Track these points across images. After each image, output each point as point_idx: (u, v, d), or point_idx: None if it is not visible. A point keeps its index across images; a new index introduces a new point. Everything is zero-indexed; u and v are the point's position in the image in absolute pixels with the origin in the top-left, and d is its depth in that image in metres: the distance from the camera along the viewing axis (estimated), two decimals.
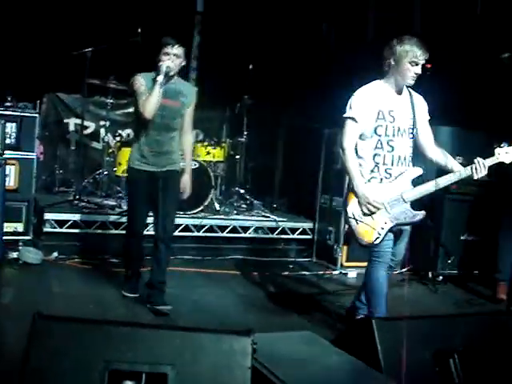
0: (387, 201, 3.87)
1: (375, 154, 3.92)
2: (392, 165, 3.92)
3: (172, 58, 4.29)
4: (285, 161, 8.41)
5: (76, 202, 6.36)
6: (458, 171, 3.87)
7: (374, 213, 3.85)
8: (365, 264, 6.18)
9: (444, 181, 3.90)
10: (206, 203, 6.47)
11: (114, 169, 6.59)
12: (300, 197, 7.62)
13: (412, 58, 3.81)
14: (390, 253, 3.97)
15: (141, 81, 4.35)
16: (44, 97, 7.41)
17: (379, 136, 3.90)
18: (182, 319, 4.27)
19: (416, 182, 3.96)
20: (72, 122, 7.74)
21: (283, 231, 6.75)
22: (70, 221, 5.89)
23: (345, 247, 6.29)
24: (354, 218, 3.88)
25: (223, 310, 4.66)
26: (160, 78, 4.23)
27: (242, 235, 6.58)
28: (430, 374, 2.77)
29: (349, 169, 3.90)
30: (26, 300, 4.43)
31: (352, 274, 6.21)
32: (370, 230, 3.86)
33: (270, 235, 6.71)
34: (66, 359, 2.25)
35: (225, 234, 6.51)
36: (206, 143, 6.82)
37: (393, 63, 3.88)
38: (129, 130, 7.38)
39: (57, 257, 5.66)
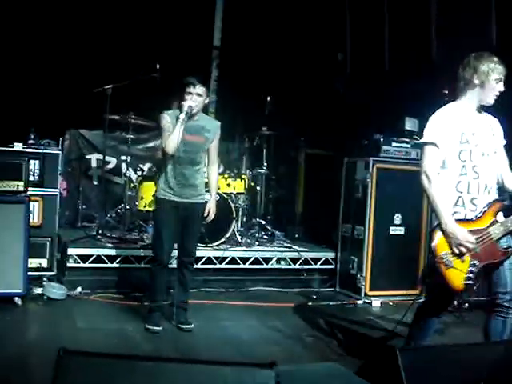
0: (475, 238, 3.46)
1: (459, 182, 3.56)
2: (478, 194, 3.55)
3: (194, 97, 4.59)
4: (305, 191, 8.42)
5: (99, 236, 6.42)
6: None
7: (464, 254, 3.44)
8: (388, 293, 6.24)
9: None
10: (227, 235, 6.48)
11: (136, 203, 6.65)
12: (321, 226, 7.61)
13: (498, 74, 3.53)
14: None
15: (167, 118, 4.66)
16: (66, 133, 7.53)
17: (463, 162, 3.55)
18: (206, 352, 4.25)
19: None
20: (94, 158, 7.85)
21: (305, 261, 6.72)
22: (93, 255, 5.92)
23: (368, 276, 6.25)
24: (444, 263, 3.44)
25: (247, 342, 4.64)
26: (182, 117, 4.54)
27: (264, 266, 6.57)
28: None
29: (435, 202, 3.50)
30: (50, 335, 4.45)
31: (376, 304, 6.16)
32: (459, 273, 3.43)
33: (293, 266, 6.69)
34: None
35: (247, 266, 6.50)
36: (226, 175, 6.86)
37: (476, 82, 3.54)
38: (149, 164, 7.46)
39: (81, 292, 5.68)
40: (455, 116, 3.58)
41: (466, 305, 5.86)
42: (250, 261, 6.51)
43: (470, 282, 3.42)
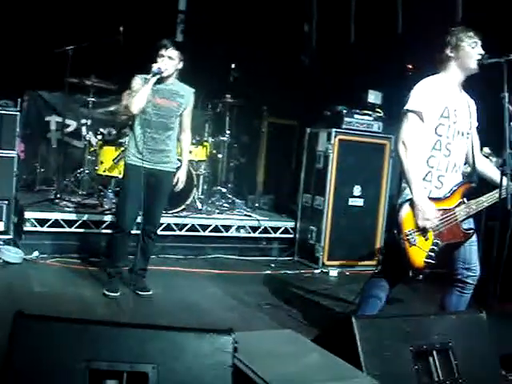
0: (442, 216, 3.45)
1: (430, 157, 3.51)
2: (446, 171, 3.54)
3: (165, 60, 4.50)
4: (267, 160, 8.43)
5: (57, 200, 6.32)
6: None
7: (428, 231, 3.42)
8: (346, 263, 6.34)
9: (490, 199, 3.53)
10: (188, 202, 6.46)
11: (96, 167, 6.55)
12: (282, 196, 7.65)
13: (470, 39, 3.48)
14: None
15: (137, 80, 4.54)
16: (25, 94, 7.34)
17: (439, 137, 3.50)
18: (164, 319, 4.26)
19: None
20: (53, 120, 7.69)
21: (265, 230, 6.77)
22: (50, 220, 5.85)
23: (326, 246, 6.34)
24: (409, 240, 3.40)
25: (205, 309, 4.67)
26: (149, 77, 4.43)
27: (224, 234, 6.59)
28: (409, 372, 2.80)
29: (409, 173, 3.41)
30: (6, 299, 4.40)
31: (333, 273, 6.26)
32: (421, 251, 3.42)
33: (252, 234, 6.73)
34: (48, 359, 2.25)
35: (207, 233, 6.51)
36: None
37: (451, 54, 3.52)
38: (110, 128, 7.35)
39: (38, 256, 5.62)
40: (440, 88, 3.53)
41: (421, 277, 5.98)
42: (209, 228, 6.51)
43: (430, 260, 3.44)
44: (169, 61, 4.51)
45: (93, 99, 6.87)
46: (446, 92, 3.53)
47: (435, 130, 3.50)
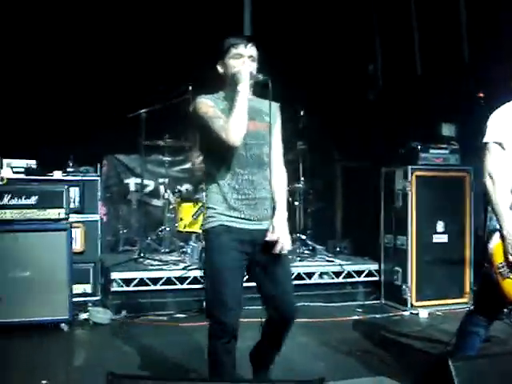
0: None
1: None
2: None
3: (247, 61, 3.15)
4: (344, 203, 8.34)
5: (141, 259, 6.45)
6: None
7: None
8: (435, 302, 6.10)
9: None
10: None
11: (176, 224, 6.67)
12: (363, 239, 7.52)
13: None
14: None
15: (207, 102, 3.17)
16: (104, 159, 7.63)
17: None
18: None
19: None
20: (132, 182, 7.93)
21: (349, 275, 6.64)
22: (136, 279, 5.96)
23: (413, 286, 6.14)
24: (501, 273, 3.27)
25: (294, 360, 4.57)
26: (243, 88, 3.07)
27: (307, 282, 6.50)
28: None
29: (498, 205, 3.30)
30: (98, 360, 4.47)
31: (423, 314, 6.03)
32: None
33: (336, 279, 6.61)
34: None
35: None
36: None
37: None
38: (187, 185, 7.49)
39: (126, 315, 5.71)
40: None
41: None
42: (292, 276, 6.43)
43: None
44: (251, 62, 3.17)
45: (168, 158, 7.07)
46: None
47: None
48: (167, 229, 6.88)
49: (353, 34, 8.12)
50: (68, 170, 5.89)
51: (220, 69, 3.26)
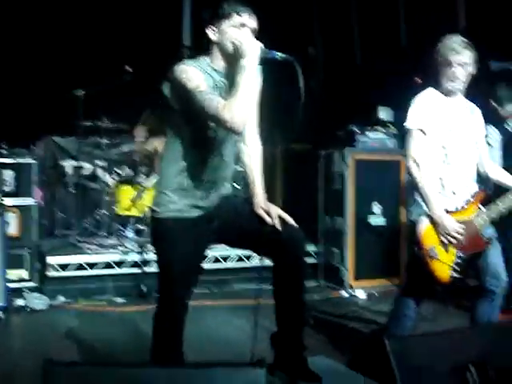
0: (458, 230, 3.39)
1: (441, 170, 3.47)
2: (459, 183, 3.48)
3: (248, 32, 2.75)
4: (283, 186, 8.39)
5: (78, 244, 6.34)
6: None
7: (451, 244, 3.38)
8: (372, 283, 6.24)
9: (505, 203, 3.46)
10: None
11: (114, 208, 6.58)
12: (301, 220, 7.58)
13: (449, 47, 3.40)
14: None
15: (198, 74, 2.66)
16: (39, 141, 7.43)
17: (446, 149, 3.47)
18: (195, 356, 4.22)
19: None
20: (68, 165, 7.75)
21: None
22: (73, 263, 5.86)
23: (351, 267, 6.26)
24: (429, 254, 3.37)
25: (231, 342, 4.60)
26: (250, 63, 2.62)
27: (246, 265, 6.51)
28: None
29: (424, 189, 3.38)
30: (35, 347, 4.39)
31: (361, 294, 6.16)
32: (444, 266, 3.37)
33: None
34: None
35: (231, 264, 6.46)
36: None
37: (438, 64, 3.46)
38: (126, 168, 7.38)
39: (63, 301, 5.62)
40: (437, 100, 3.49)
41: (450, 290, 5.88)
42: (233, 260, 6.47)
43: (456, 273, 3.39)
44: (251, 34, 2.75)
45: (106, 141, 6.93)
46: (443, 103, 3.49)
47: (441, 143, 3.46)
48: (105, 212, 6.78)
49: (293, 16, 8.15)
50: (1, 151, 5.70)
51: (212, 35, 2.74)
